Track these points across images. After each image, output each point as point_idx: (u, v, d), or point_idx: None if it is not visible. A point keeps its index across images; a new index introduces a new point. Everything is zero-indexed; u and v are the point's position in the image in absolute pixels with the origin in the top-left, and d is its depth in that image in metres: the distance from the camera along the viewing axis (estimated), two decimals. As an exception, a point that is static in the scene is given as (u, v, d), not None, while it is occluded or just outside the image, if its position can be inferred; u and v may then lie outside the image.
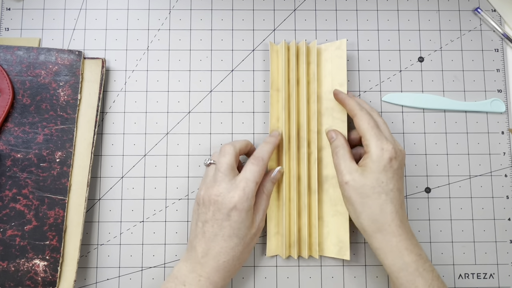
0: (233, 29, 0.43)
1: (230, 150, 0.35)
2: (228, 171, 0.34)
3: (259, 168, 0.34)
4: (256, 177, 0.33)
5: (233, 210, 0.32)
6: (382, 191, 0.32)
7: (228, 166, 0.34)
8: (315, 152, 0.38)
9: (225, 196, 0.32)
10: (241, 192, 0.32)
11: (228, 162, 0.34)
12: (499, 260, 0.40)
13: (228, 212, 0.32)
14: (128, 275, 0.39)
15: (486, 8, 0.43)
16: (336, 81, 0.39)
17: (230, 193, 0.32)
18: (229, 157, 0.34)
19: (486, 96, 0.42)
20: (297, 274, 0.40)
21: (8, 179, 0.37)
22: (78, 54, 0.40)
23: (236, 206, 0.32)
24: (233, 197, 0.32)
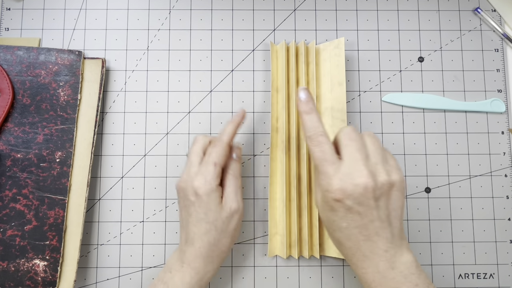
0: (233, 29, 0.43)
1: (199, 138, 0.35)
2: (194, 158, 0.34)
3: (217, 149, 0.33)
4: (214, 158, 0.33)
5: (194, 195, 0.32)
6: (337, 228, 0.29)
7: (194, 153, 0.34)
8: None
9: (188, 182, 0.33)
10: (200, 177, 0.32)
11: (195, 150, 0.34)
12: (499, 260, 0.40)
13: (191, 198, 0.32)
14: (128, 275, 0.39)
15: (486, 8, 0.43)
16: (335, 80, 0.40)
17: (193, 179, 0.33)
18: (197, 145, 0.35)
19: (486, 96, 0.42)
20: (297, 274, 0.40)
21: (8, 179, 0.37)
22: (78, 54, 0.40)
23: (196, 191, 0.32)
24: (194, 182, 0.32)
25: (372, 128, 0.42)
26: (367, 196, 0.28)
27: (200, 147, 0.34)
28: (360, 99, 0.42)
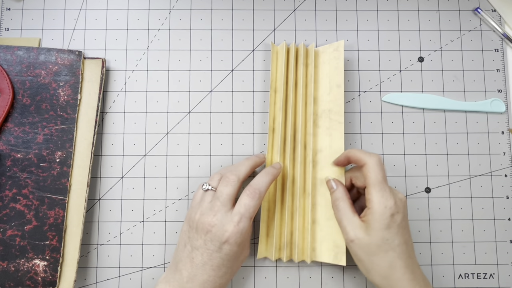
0: (233, 29, 0.43)
1: (233, 181, 0.34)
2: (227, 201, 0.33)
3: (254, 203, 0.33)
4: (251, 213, 0.33)
5: (225, 243, 0.32)
6: (389, 248, 0.31)
7: (228, 197, 0.33)
8: (310, 154, 0.38)
9: (219, 228, 0.32)
10: (235, 228, 0.32)
11: (229, 193, 0.33)
12: (499, 260, 0.40)
13: (220, 245, 0.32)
14: (128, 275, 0.39)
15: (486, 8, 0.43)
16: (333, 82, 0.39)
17: (225, 226, 0.32)
18: (231, 189, 0.33)
19: (486, 96, 0.42)
20: (297, 274, 0.40)
21: (8, 179, 0.37)
22: (78, 54, 0.40)
23: (228, 240, 0.31)
24: (227, 231, 0.32)
25: (372, 128, 0.42)
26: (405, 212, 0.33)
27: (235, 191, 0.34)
28: (360, 99, 0.42)
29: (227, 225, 0.32)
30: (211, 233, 0.32)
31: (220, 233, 0.32)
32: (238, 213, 0.32)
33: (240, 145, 0.41)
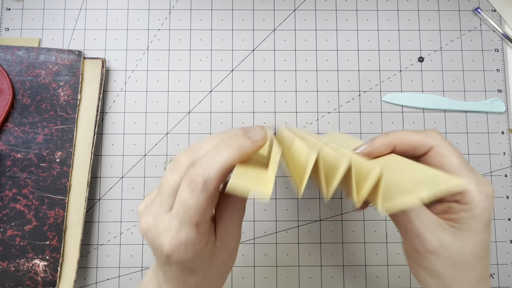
0: (233, 29, 0.43)
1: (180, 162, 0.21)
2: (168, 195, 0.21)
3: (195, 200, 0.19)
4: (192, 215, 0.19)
5: (169, 261, 0.21)
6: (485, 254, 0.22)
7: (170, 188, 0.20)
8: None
9: (155, 237, 0.20)
10: (174, 240, 0.20)
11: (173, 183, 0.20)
12: (499, 260, 0.40)
13: (164, 261, 0.21)
14: (128, 275, 0.39)
15: (486, 8, 0.43)
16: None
17: (161, 236, 0.20)
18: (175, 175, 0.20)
19: (486, 96, 0.42)
20: (297, 274, 0.40)
21: (8, 179, 0.37)
22: (78, 54, 0.40)
23: (170, 259, 0.20)
24: (163, 244, 0.20)
25: (372, 128, 0.42)
26: None
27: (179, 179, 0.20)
28: (360, 99, 0.42)
29: (164, 234, 0.20)
30: (148, 240, 0.21)
31: (156, 244, 0.20)
32: (176, 216, 0.20)
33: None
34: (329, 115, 0.42)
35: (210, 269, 0.22)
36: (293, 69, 0.42)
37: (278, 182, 0.41)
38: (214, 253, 0.22)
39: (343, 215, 0.40)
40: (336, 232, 0.40)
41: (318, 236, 0.40)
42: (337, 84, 0.42)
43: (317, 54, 0.43)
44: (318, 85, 0.42)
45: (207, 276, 0.22)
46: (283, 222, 0.40)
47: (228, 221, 0.22)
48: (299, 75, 0.42)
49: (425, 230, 0.21)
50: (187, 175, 0.19)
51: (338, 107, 0.42)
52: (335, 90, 0.42)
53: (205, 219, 0.20)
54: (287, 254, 0.40)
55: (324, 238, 0.40)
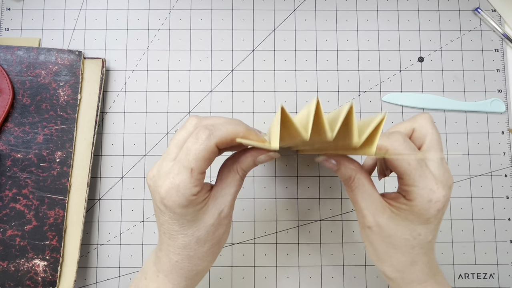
0: (233, 29, 0.43)
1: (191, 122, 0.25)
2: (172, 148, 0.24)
3: (197, 147, 0.22)
4: (192, 162, 0.22)
5: (163, 205, 0.23)
6: (417, 244, 0.25)
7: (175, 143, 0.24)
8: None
9: (156, 183, 0.24)
10: (171, 185, 0.23)
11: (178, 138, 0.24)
12: (499, 260, 0.40)
13: (160, 206, 0.24)
14: (128, 275, 0.39)
15: (486, 8, 0.43)
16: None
17: (160, 179, 0.23)
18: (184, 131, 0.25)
19: (486, 96, 0.42)
20: (297, 274, 0.40)
21: (8, 179, 0.37)
22: (78, 54, 0.40)
23: (164, 201, 0.23)
24: (161, 188, 0.23)
25: (372, 128, 0.42)
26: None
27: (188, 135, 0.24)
28: (360, 99, 0.42)
29: (162, 178, 0.23)
30: (150, 187, 0.25)
31: (156, 188, 0.24)
32: (177, 162, 0.23)
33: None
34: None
35: (199, 228, 0.24)
36: (293, 69, 0.42)
37: (278, 182, 0.41)
38: (204, 211, 0.24)
39: (343, 215, 0.40)
40: (336, 232, 0.40)
41: (318, 236, 0.40)
42: (337, 84, 0.42)
43: (317, 54, 0.43)
44: (318, 85, 0.42)
45: (195, 235, 0.24)
46: (283, 222, 0.40)
47: (225, 185, 0.25)
48: (299, 75, 0.42)
49: (366, 209, 0.25)
50: (196, 130, 0.23)
51: (338, 107, 0.42)
52: (335, 90, 0.42)
53: (200, 167, 0.23)
54: (287, 254, 0.40)
55: (324, 238, 0.40)
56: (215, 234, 0.25)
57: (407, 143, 0.24)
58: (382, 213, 0.25)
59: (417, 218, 0.24)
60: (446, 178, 0.25)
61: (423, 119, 0.26)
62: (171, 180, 0.23)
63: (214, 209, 0.25)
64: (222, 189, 0.25)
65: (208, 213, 0.25)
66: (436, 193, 0.24)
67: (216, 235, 0.26)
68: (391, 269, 0.26)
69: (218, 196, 0.25)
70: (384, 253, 0.26)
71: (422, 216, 0.24)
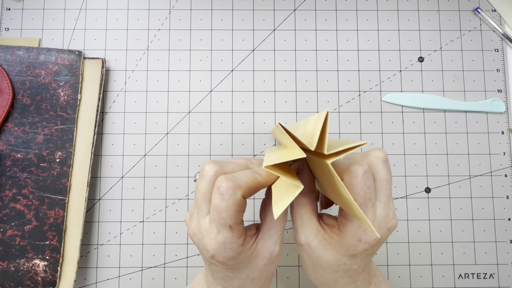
0: (233, 29, 0.43)
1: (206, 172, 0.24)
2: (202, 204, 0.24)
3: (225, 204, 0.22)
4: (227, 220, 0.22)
5: (214, 260, 0.24)
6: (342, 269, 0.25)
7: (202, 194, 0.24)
8: None
9: (200, 240, 0.24)
10: (216, 244, 0.23)
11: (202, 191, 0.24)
12: (499, 260, 0.40)
13: (211, 261, 0.24)
14: (128, 275, 0.39)
15: (486, 8, 0.43)
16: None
17: (204, 239, 0.24)
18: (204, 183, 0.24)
19: (486, 96, 0.42)
20: (297, 274, 0.40)
21: (8, 179, 0.37)
22: (78, 54, 0.40)
23: (215, 258, 0.24)
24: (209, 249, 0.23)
25: (372, 128, 0.42)
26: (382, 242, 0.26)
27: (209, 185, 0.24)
28: (360, 99, 0.42)
29: (206, 238, 0.24)
30: (195, 243, 0.25)
31: (202, 246, 0.24)
32: (212, 220, 0.23)
33: (240, 145, 0.41)
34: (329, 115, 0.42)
35: (253, 270, 0.25)
36: (293, 69, 0.42)
37: (278, 182, 0.41)
38: (255, 255, 0.25)
39: (343, 215, 0.40)
40: (336, 232, 0.40)
41: (318, 236, 0.40)
42: (337, 84, 0.42)
43: (317, 54, 0.43)
44: (318, 85, 0.42)
45: (249, 276, 0.25)
46: (283, 222, 0.40)
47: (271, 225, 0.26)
48: (299, 75, 0.42)
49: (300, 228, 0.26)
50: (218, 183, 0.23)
51: (338, 107, 0.42)
52: (335, 90, 0.42)
53: (236, 221, 0.23)
54: (287, 254, 0.40)
55: (324, 238, 0.40)
56: (269, 271, 0.26)
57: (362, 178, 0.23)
58: (315, 236, 0.25)
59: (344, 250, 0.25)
60: (387, 221, 0.24)
61: (375, 157, 0.25)
62: (215, 240, 0.23)
63: (265, 251, 0.25)
64: (269, 230, 0.25)
65: (260, 256, 0.25)
66: (368, 235, 0.24)
67: (269, 272, 0.26)
68: (317, 281, 0.27)
69: (267, 238, 0.25)
70: (311, 268, 0.26)
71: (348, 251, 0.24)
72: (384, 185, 0.25)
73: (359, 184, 0.23)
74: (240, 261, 0.24)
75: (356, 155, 0.26)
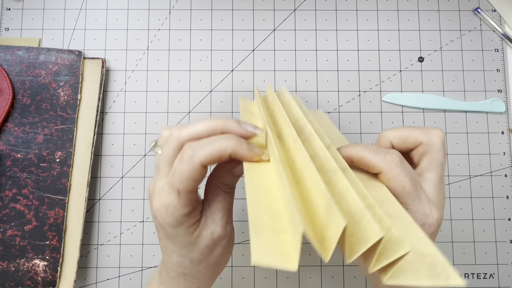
0: (233, 29, 0.43)
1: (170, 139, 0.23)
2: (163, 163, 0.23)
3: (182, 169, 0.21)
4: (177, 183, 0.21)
5: (156, 221, 0.24)
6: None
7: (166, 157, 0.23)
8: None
9: (150, 198, 0.24)
10: (161, 204, 0.22)
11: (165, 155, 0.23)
12: (499, 260, 0.40)
13: (155, 222, 0.24)
14: (128, 275, 0.39)
15: (486, 8, 0.43)
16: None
17: (154, 196, 0.23)
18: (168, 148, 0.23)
19: (486, 96, 0.42)
20: (297, 274, 0.40)
21: (8, 179, 0.37)
22: (78, 54, 0.40)
23: (155, 218, 0.23)
24: (153, 205, 0.23)
25: (372, 128, 0.42)
26: None
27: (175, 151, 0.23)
28: (360, 99, 0.42)
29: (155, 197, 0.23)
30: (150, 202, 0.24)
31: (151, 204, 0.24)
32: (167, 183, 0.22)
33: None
34: (329, 115, 0.42)
35: (193, 249, 0.24)
36: (293, 69, 0.42)
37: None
38: (198, 233, 0.23)
39: (343, 215, 0.40)
40: (336, 232, 0.40)
41: (318, 236, 0.40)
42: (337, 84, 0.42)
43: (317, 54, 0.43)
44: (318, 85, 0.42)
45: (189, 256, 0.24)
46: (283, 222, 0.40)
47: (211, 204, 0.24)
48: (299, 75, 0.42)
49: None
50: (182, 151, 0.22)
51: (338, 107, 0.42)
52: (335, 90, 0.42)
53: (187, 187, 0.21)
54: (287, 254, 0.40)
55: (324, 238, 0.40)
56: (211, 255, 0.25)
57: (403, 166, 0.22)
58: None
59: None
60: (440, 199, 0.24)
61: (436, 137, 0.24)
62: (161, 198, 0.22)
63: (205, 230, 0.24)
64: (210, 208, 0.24)
65: (201, 236, 0.24)
66: (429, 217, 0.23)
67: (213, 256, 0.25)
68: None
69: (207, 216, 0.24)
70: None
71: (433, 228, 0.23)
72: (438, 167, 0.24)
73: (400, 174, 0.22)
74: (181, 234, 0.23)
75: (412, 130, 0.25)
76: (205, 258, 0.24)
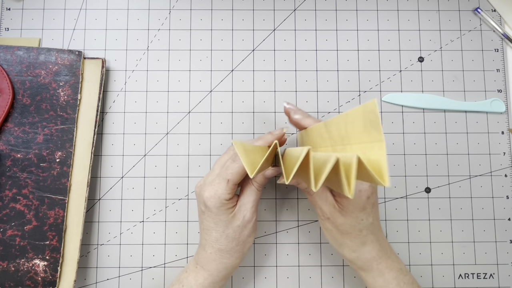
0: (233, 29, 0.43)
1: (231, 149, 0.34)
2: (216, 166, 0.33)
3: (235, 166, 0.31)
4: (229, 175, 0.31)
5: (204, 205, 0.32)
6: (363, 227, 0.32)
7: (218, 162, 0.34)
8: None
9: (201, 189, 0.33)
10: (212, 190, 0.32)
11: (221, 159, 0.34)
12: (499, 260, 0.40)
13: (202, 207, 0.33)
14: (128, 275, 0.39)
15: (486, 8, 0.43)
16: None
17: (206, 188, 0.32)
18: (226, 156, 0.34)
19: (486, 96, 0.42)
20: (297, 274, 0.40)
21: (8, 179, 0.37)
22: (78, 54, 0.40)
23: (205, 202, 0.32)
24: (205, 192, 0.32)
25: (372, 128, 0.42)
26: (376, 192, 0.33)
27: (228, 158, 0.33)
28: (360, 99, 0.42)
29: (208, 187, 0.32)
30: (197, 195, 0.34)
31: (201, 194, 0.33)
32: (218, 176, 0.32)
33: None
34: (329, 115, 0.42)
35: (228, 227, 0.32)
36: (293, 69, 0.42)
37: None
38: (233, 215, 0.33)
39: (343, 215, 0.40)
40: (336, 232, 0.40)
41: (318, 236, 0.40)
42: (337, 84, 0.42)
43: (317, 54, 0.43)
44: (318, 85, 0.42)
45: (225, 232, 0.33)
46: (283, 222, 0.41)
47: (245, 196, 0.33)
48: (299, 75, 0.42)
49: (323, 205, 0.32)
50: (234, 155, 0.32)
51: (338, 107, 0.42)
52: (335, 90, 0.42)
53: (234, 179, 0.31)
54: (287, 254, 0.40)
55: (324, 238, 0.40)
56: (241, 234, 0.33)
57: None
58: (334, 208, 0.32)
59: (354, 207, 0.31)
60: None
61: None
62: (213, 187, 0.32)
63: (239, 214, 0.33)
64: (244, 198, 0.33)
65: (236, 217, 0.33)
66: (362, 184, 0.31)
67: (242, 235, 0.33)
68: (348, 250, 0.33)
69: (241, 204, 0.33)
70: (340, 238, 0.32)
71: (357, 205, 0.31)
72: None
73: None
74: (222, 213, 0.32)
75: None
76: (237, 236, 0.33)
